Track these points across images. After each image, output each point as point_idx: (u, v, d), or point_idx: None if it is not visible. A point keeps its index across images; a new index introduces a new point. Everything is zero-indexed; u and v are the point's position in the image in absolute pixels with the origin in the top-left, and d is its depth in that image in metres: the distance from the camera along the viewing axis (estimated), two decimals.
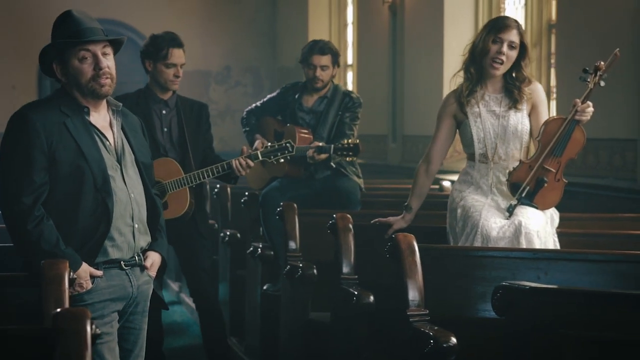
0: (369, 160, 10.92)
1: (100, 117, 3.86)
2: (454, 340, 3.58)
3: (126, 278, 3.83)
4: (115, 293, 3.79)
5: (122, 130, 3.90)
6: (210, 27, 14.64)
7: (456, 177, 5.07)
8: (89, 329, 2.54)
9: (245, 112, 6.70)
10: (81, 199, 3.70)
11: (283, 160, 5.73)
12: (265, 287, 6.24)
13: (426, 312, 3.89)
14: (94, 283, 3.73)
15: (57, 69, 3.78)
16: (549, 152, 4.68)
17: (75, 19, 3.75)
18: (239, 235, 7.05)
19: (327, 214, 5.20)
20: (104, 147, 3.80)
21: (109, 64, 3.76)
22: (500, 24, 4.83)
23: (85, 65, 3.73)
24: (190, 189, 5.68)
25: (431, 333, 3.65)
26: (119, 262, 3.80)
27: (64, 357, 2.49)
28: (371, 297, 4.47)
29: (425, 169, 5.02)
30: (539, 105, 4.87)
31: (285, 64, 14.09)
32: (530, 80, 4.90)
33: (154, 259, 3.94)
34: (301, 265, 5.39)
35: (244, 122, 6.67)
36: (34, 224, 3.64)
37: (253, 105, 6.74)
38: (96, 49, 3.74)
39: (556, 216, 4.83)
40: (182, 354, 7.18)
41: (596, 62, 4.60)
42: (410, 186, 5.14)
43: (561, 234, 4.83)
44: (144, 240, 3.90)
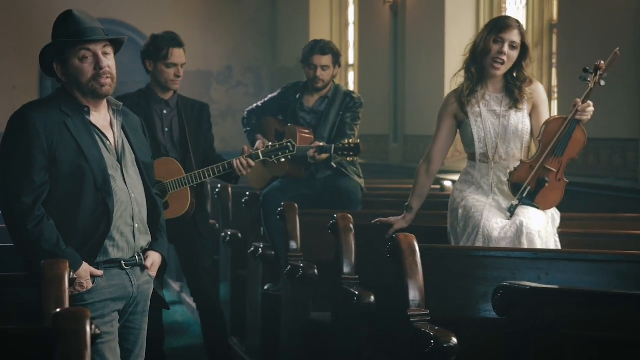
0: (370, 160, 10.92)
1: (101, 116, 3.85)
2: (454, 340, 3.58)
3: (126, 278, 3.82)
4: (115, 293, 3.79)
5: (122, 130, 3.90)
6: (211, 27, 14.65)
7: (457, 177, 5.07)
8: (88, 329, 2.54)
9: (246, 112, 6.70)
10: (81, 198, 3.70)
11: (284, 159, 5.72)
12: (266, 287, 6.24)
13: (427, 312, 3.89)
14: (94, 283, 3.72)
15: (57, 68, 3.78)
16: (549, 152, 4.67)
17: (76, 18, 3.75)
18: (240, 235, 7.05)
19: (328, 214, 5.19)
20: (105, 146, 3.80)
21: (110, 63, 3.76)
22: (501, 23, 4.83)
23: (86, 64, 3.73)
24: (191, 188, 5.68)
25: (432, 333, 3.64)
26: (120, 262, 3.80)
27: (64, 357, 2.50)
28: (372, 297, 4.47)
29: (426, 168, 5.02)
30: (539, 105, 4.86)
31: (286, 64, 14.09)
32: (532, 80, 4.89)
33: (154, 258, 3.94)
34: (302, 265, 5.39)
35: (245, 122, 6.67)
36: (34, 224, 3.63)
37: (254, 105, 6.73)
38: (97, 49, 3.74)
39: (557, 216, 4.82)
40: (183, 354, 7.18)
41: (596, 61, 4.60)
42: (411, 186, 5.14)
43: (562, 234, 4.83)
44: (144, 240, 3.90)
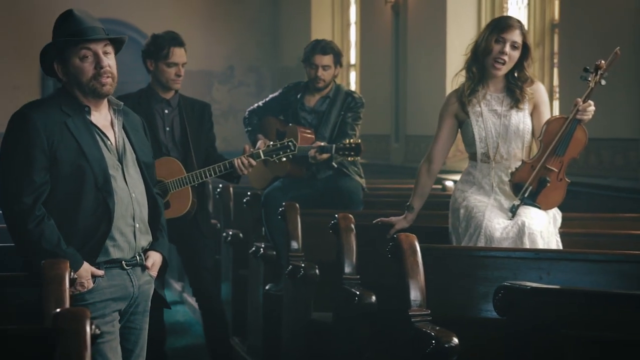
0: (371, 160, 10.92)
1: (102, 116, 3.85)
2: (455, 340, 3.57)
3: (127, 278, 3.82)
4: (116, 293, 3.78)
5: (123, 130, 3.90)
6: (213, 26, 14.65)
7: (459, 177, 5.06)
8: (88, 329, 2.54)
9: (248, 112, 6.69)
10: (82, 198, 3.69)
11: (285, 159, 5.71)
12: (267, 287, 6.24)
13: (428, 312, 3.88)
14: (95, 283, 3.72)
15: (58, 68, 3.77)
16: (551, 152, 4.67)
17: (76, 18, 3.74)
18: (241, 235, 7.04)
19: (329, 214, 5.18)
20: (105, 146, 3.80)
21: (110, 63, 3.75)
22: (503, 23, 4.82)
23: (86, 64, 3.72)
24: (192, 188, 5.68)
25: (433, 333, 3.64)
26: (120, 262, 3.79)
27: (63, 357, 2.49)
28: (373, 297, 4.47)
29: (427, 168, 5.02)
30: (540, 105, 4.86)
31: (288, 63, 14.09)
32: (533, 81, 4.89)
33: (155, 258, 3.93)
34: (303, 265, 5.38)
35: (246, 122, 6.66)
36: (35, 224, 3.63)
37: (255, 105, 6.73)
38: (97, 48, 3.73)
39: (559, 216, 4.82)
40: (184, 354, 7.17)
41: (597, 60, 4.59)
42: (412, 186, 5.14)
43: (563, 234, 4.82)
44: (145, 239, 3.89)
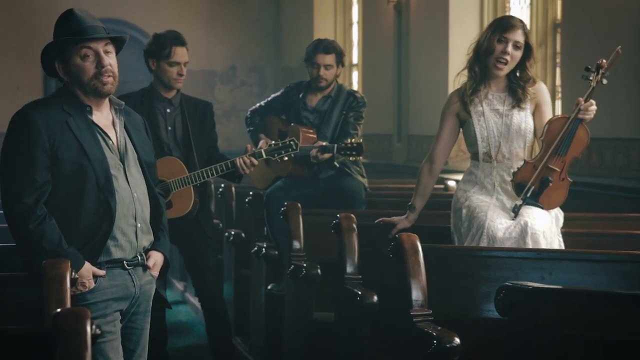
0: (373, 159, 10.92)
1: (103, 115, 3.85)
2: (457, 340, 3.56)
3: (129, 278, 3.81)
4: (117, 293, 3.78)
5: (124, 129, 3.89)
6: (215, 26, 14.65)
7: (461, 177, 5.06)
8: (89, 329, 2.53)
9: (250, 112, 6.69)
10: (83, 198, 3.69)
11: (287, 158, 5.71)
12: (269, 287, 6.24)
13: (429, 312, 3.88)
14: (96, 282, 3.72)
15: (59, 67, 3.77)
16: (553, 152, 4.66)
17: (77, 17, 3.74)
18: (243, 235, 7.04)
19: (331, 213, 5.18)
20: (107, 146, 3.79)
21: (111, 62, 3.75)
22: (505, 23, 4.82)
23: (87, 63, 3.72)
24: (194, 188, 5.67)
25: (434, 333, 3.63)
26: (122, 262, 3.79)
27: (64, 357, 2.49)
28: (375, 297, 4.46)
29: (428, 168, 5.01)
30: (542, 104, 4.85)
31: (290, 63, 14.09)
32: (535, 81, 4.88)
33: (156, 258, 3.93)
34: (305, 265, 5.37)
35: (248, 121, 6.66)
36: (36, 223, 3.63)
37: (257, 105, 6.72)
38: (98, 47, 3.73)
39: (561, 216, 4.81)
40: (186, 354, 7.17)
41: (598, 60, 4.59)
42: (414, 186, 5.13)
43: (565, 233, 4.81)
44: (146, 239, 3.89)
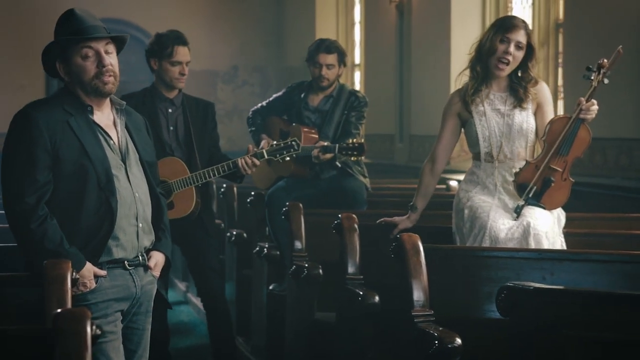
0: (375, 159, 10.92)
1: (104, 115, 3.85)
2: (458, 341, 3.56)
3: (130, 278, 3.81)
4: (118, 293, 3.78)
5: (126, 129, 3.89)
6: (217, 26, 14.65)
7: (463, 177, 5.05)
8: (88, 329, 2.53)
9: (251, 112, 6.69)
10: (85, 197, 3.69)
11: (289, 159, 5.70)
12: (271, 287, 6.24)
13: (431, 312, 3.87)
14: (97, 283, 3.72)
15: (60, 67, 3.77)
16: (555, 152, 4.65)
17: (77, 17, 3.74)
18: (245, 235, 7.04)
19: (332, 214, 5.18)
20: (108, 145, 3.79)
21: (112, 61, 3.75)
22: (507, 23, 4.81)
23: (88, 62, 3.72)
24: (196, 188, 5.67)
25: (436, 334, 3.63)
26: (123, 262, 3.79)
27: (63, 358, 2.49)
28: (376, 298, 4.46)
29: (430, 168, 5.01)
30: (544, 104, 4.84)
31: (293, 63, 14.09)
32: (537, 81, 4.87)
33: (157, 259, 3.93)
34: (307, 265, 5.37)
35: (250, 121, 6.66)
36: (38, 223, 3.62)
37: (259, 105, 6.73)
38: (99, 47, 3.73)
39: (563, 216, 4.81)
40: (188, 354, 7.17)
41: (599, 59, 4.58)
42: (416, 186, 5.13)
43: (567, 234, 4.80)
44: (147, 239, 3.89)
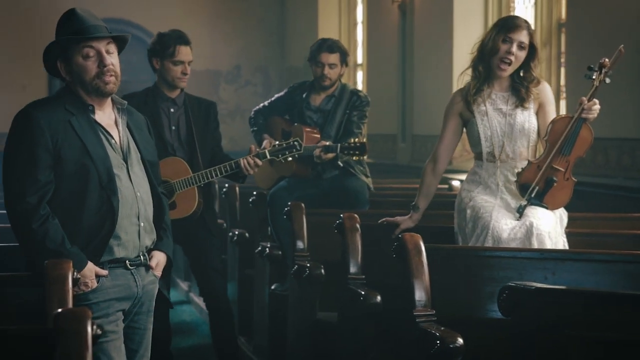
0: (378, 159, 10.92)
1: (106, 115, 3.85)
2: (460, 340, 3.56)
3: (131, 278, 3.81)
4: (120, 293, 3.78)
5: (127, 128, 3.89)
6: (219, 26, 14.65)
7: (465, 177, 5.05)
8: (89, 329, 2.53)
9: (253, 112, 6.69)
10: (86, 197, 3.69)
11: (291, 159, 5.70)
12: (273, 287, 6.23)
13: (433, 312, 3.87)
14: (99, 282, 3.72)
15: (61, 66, 3.77)
16: (557, 151, 4.64)
17: (79, 16, 3.74)
18: (247, 235, 7.04)
19: (334, 213, 5.18)
20: (110, 145, 3.79)
21: (113, 61, 3.75)
22: (510, 23, 4.80)
23: (89, 62, 3.72)
24: (198, 188, 5.67)
25: (438, 333, 3.62)
26: (124, 262, 3.78)
27: (64, 357, 2.48)
28: (378, 297, 4.45)
29: (432, 168, 5.00)
30: (546, 104, 4.83)
31: (295, 63, 14.08)
32: (539, 81, 4.87)
33: (159, 258, 3.93)
34: (309, 265, 5.37)
35: (252, 121, 6.66)
36: (39, 223, 3.62)
37: (261, 105, 6.73)
38: (100, 46, 3.73)
39: (565, 216, 4.80)
40: (190, 354, 7.17)
41: (601, 59, 4.57)
42: (418, 186, 5.12)
43: (569, 233, 4.80)
44: (149, 238, 3.89)
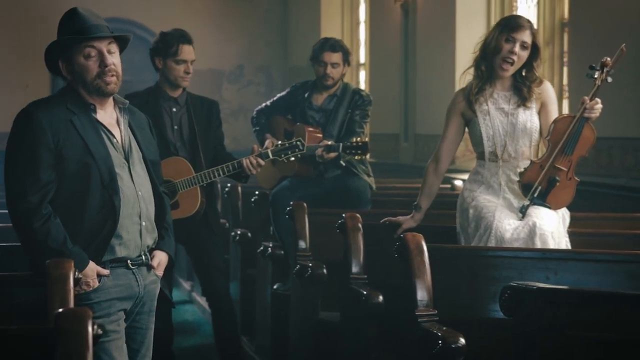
0: (380, 159, 10.91)
1: (107, 114, 3.84)
2: (462, 340, 3.56)
3: (133, 277, 3.81)
4: (121, 292, 3.77)
5: (129, 128, 3.89)
6: (222, 25, 14.65)
7: (467, 177, 5.04)
8: (90, 329, 2.53)
9: (256, 112, 6.69)
10: (88, 196, 3.68)
11: (293, 158, 5.70)
12: (275, 287, 6.23)
13: (435, 312, 3.87)
14: (100, 282, 3.71)
15: (62, 66, 3.77)
16: (559, 151, 4.64)
17: (80, 16, 3.74)
18: (249, 235, 7.04)
19: (337, 213, 5.17)
20: (111, 144, 3.79)
21: (115, 61, 3.75)
22: (513, 23, 4.79)
23: (91, 62, 3.72)
24: (201, 188, 5.66)
25: (440, 333, 3.62)
26: (126, 261, 3.78)
27: (65, 357, 2.48)
28: (380, 297, 4.45)
29: (434, 167, 5.00)
30: (548, 104, 4.83)
31: (298, 63, 14.08)
32: (542, 81, 4.86)
33: (160, 258, 3.93)
34: (311, 264, 5.37)
35: (254, 121, 6.66)
36: (41, 222, 3.62)
37: (263, 105, 6.72)
38: (101, 46, 3.73)
39: (567, 216, 4.80)
40: (192, 354, 7.17)
41: (602, 58, 4.57)
42: (420, 185, 5.12)
43: (572, 233, 4.80)
44: (151, 238, 3.88)
